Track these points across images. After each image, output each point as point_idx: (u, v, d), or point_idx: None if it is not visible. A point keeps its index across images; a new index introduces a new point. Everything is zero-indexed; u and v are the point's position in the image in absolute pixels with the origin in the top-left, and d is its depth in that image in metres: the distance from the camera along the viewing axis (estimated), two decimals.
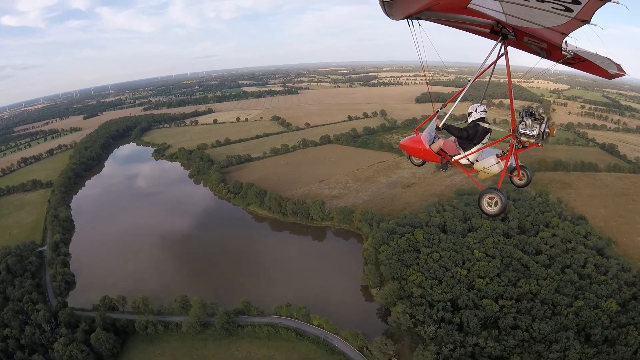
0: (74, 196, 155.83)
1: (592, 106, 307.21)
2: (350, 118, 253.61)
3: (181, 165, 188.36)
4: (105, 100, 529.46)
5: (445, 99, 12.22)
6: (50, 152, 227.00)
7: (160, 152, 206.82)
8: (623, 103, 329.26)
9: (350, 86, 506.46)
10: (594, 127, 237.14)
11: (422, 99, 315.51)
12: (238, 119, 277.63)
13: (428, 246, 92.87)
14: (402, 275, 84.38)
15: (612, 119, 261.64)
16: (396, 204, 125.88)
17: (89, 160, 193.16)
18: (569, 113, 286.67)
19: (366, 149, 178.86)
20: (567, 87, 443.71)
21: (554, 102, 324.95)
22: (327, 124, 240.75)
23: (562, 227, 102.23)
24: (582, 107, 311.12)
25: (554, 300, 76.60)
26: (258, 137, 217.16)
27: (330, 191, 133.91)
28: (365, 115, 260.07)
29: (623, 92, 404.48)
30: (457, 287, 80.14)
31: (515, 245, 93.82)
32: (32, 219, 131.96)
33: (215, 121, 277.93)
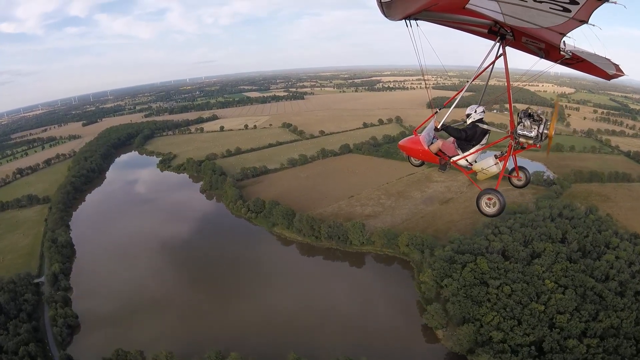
0: (73, 213, 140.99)
1: (605, 111, 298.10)
2: (365, 125, 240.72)
3: (189, 177, 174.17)
4: (105, 106, 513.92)
5: (451, 102, 11.10)
6: (48, 162, 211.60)
7: (166, 163, 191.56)
8: (632, 107, 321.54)
9: (356, 91, 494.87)
10: (613, 133, 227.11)
11: (433, 104, 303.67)
12: (246, 126, 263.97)
13: (496, 277, 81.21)
14: (474, 315, 72.91)
15: (627, 124, 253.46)
16: (438, 222, 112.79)
17: (89, 172, 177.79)
18: (584, 118, 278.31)
19: (390, 159, 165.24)
20: (572, 90, 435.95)
21: (566, 106, 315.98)
22: (342, 132, 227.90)
23: (623, 247, 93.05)
24: (595, 111, 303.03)
25: (634, 334, 67.79)
26: (271, 145, 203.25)
27: (363, 209, 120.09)
28: (381, 122, 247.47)
29: (628, 95, 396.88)
30: (539, 326, 69.65)
31: (583, 272, 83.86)
32: (27, 241, 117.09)
33: (221, 128, 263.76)
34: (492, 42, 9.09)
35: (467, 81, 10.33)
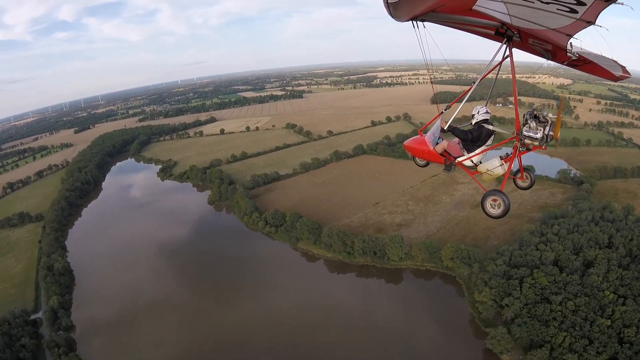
0: (69, 231, 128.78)
1: (608, 101, 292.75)
2: (373, 123, 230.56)
3: (193, 185, 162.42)
4: (96, 111, 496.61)
5: (454, 98, 11.28)
6: (40, 175, 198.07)
7: (167, 171, 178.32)
8: (632, 97, 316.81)
9: (354, 88, 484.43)
10: (622, 125, 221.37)
11: (437, 101, 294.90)
12: (248, 128, 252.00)
13: (556, 292, 73.41)
14: (543, 337, 65.39)
15: (632, 115, 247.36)
16: (475, 229, 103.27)
17: (84, 185, 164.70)
18: (590, 110, 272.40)
19: (409, 160, 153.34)
20: (570, 81, 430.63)
21: (569, 98, 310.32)
22: (351, 131, 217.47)
23: None
24: (598, 102, 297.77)
25: None
26: (278, 148, 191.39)
27: (392, 217, 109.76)
28: (389, 120, 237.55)
29: (625, 85, 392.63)
30: (609, 343, 64.17)
31: (637, 279, 78.02)
32: (20, 267, 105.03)
33: (222, 131, 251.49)
34: (499, 44, 8.96)
35: (473, 82, 10.25)
